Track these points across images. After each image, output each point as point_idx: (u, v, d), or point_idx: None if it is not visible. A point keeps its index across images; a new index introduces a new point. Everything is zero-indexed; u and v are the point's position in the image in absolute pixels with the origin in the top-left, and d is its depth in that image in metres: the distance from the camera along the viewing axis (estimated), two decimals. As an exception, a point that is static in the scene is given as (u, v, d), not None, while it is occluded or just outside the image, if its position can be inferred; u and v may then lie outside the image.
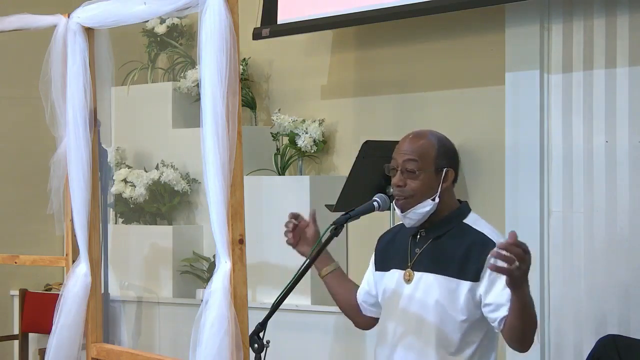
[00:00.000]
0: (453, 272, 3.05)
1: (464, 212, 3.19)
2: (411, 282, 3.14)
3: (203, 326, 3.02)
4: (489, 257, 2.91)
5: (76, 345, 3.94)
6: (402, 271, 3.19)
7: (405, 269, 3.18)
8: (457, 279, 3.05)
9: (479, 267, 3.03)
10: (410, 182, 3.11)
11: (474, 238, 3.08)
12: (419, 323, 3.11)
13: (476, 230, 3.11)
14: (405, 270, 3.17)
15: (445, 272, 3.07)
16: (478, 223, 3.15)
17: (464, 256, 3.06)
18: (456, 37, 5.11)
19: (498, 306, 3.00)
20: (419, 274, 3.12)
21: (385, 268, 3.27)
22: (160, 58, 6.29)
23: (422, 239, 3.18)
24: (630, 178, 4.43)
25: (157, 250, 5.67)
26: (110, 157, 5.68)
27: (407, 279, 3.16)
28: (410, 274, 3.15)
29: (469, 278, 3.04)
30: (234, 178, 3.03)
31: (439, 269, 3.09)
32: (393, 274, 3.22)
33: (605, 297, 4.47)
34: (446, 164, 3.13)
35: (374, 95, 5.47)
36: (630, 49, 4.44)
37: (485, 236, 3.08)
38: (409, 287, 3.15)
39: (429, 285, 3.10)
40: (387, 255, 3.29)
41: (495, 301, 3.01)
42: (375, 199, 3.18)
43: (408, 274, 3.16)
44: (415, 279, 3.13)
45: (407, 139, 3.18)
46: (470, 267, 3.04)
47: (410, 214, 3.13)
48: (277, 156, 5.61)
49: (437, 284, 3.09)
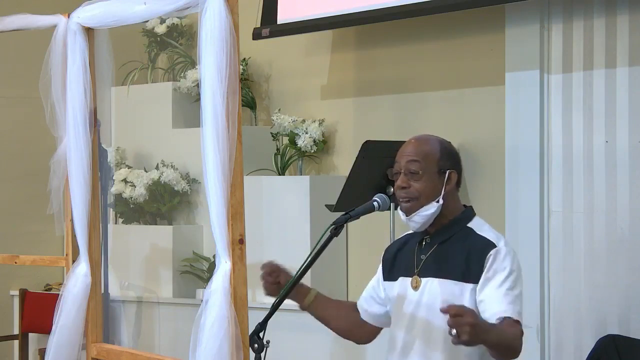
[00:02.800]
0: (457, 275, 3.06)
1: (468, 216, 3.19)
2: (418, 289, 3.15)
3: (203, 326, 3.02)
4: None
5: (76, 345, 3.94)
6: (409, 278, 3.19)
7: (412, 276, 3.18)
8: (461, 282, 3.05)
9: (480, 270, 3.04)
10: (414, 184, 3.11)
11: (476, 242, 3.09)
12: (427, 329, 3.11)
13: (479, 234, 3.11)
14: (412, 277, 3.17)
15: (450, 276, 3.07)
16: (482, 228, 3.15)
17: (466, 260, 3.06)
18: (456, 37, 5.11)
19: (480, 302, 3.02)
20: (426, 280, 3.13)
21: (393, 277, 3.26)
22: (160, 58, 6.29)
23: (428, 245, 3.18)
24: (630, 178, 4.43)
25: (157, 250, 5.67)
26: (110, 157, 5.69)
27: (415, 285, 3.16)
28: (418, 280, 3.15)
29: (472, 281, 3.05)
30: (234, 178, 3.03)
31: (443, 274, 3.09)
32: (400, 283, 3.22)
33: (605, 297, 4.47)
34: (449, 166, 3.14)
35: (374, 95, 5.47)
36: (630, 49, 4.44)
37: (487, 240, 3.09)
38: (417, 294, 3.15)
39: (434, 290, 3.10)
40: (394, 265, 3.29)
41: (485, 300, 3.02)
42: (375, 199, 3.18)
43: (415, 280, 3.16)
44: (422, 285, 3.14)
45: (410, 143, 3.19)
46: (472, 270, 3.05)
47: (415, 217, 3.12)
48: (277, 156, 5.61)
49: (442, 289, 3.09)
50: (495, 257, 3.03)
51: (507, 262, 3.03)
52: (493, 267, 3.02)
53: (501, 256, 3.04)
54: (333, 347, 5.07)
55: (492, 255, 3.03)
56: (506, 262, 3.03)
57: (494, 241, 3.08)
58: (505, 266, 3.02)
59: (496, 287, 2.99)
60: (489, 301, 2.99)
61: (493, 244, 3.05)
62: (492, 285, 3.01)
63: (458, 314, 2.75)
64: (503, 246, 3.06)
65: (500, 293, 2.98)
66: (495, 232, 3.15)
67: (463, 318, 2.75)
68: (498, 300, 2.98)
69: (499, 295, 2.98)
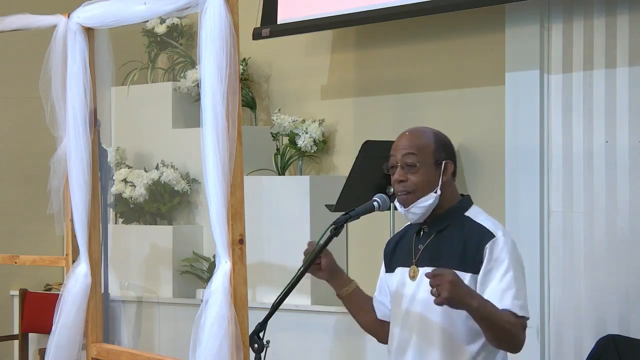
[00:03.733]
0: (453, 264, 3.04)
1: (465, 205, 3.18)
2: (416, 279, 3.14)
3: (203, 326, 3.02)
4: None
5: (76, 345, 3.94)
6: (407, 269, 3.19)
7: (409, 266, 3.18)
8: (458, 272, 3.04)
9: (478, 259, 3.03)
10: (412, 176, 3.12)
11: (473, 230, 3.08)
12: (424, 319, 3.10)
13: (476, 222, 3.11)
14: (410, 267, 3.17)
15: (447, 265, 3.06)
16: (479, 216, 3.14)
17: (463, 248, 3.06)
18: (456, 37, 5.11)
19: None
20: (423, 270, 3.12)
21: (392, 269, 3.27)
22: (160, 58, 6.29)
23: (425, 234, 3.18)
24: (630, 178, 4.43)
25: (157, 250, 5.67)
26: (110, 157, 5.69)
27: (412, 275, 3.16)
28: (415, 270, 3.15)
29: (470, 270, 3.03)
30: (234, 178, 3.03)
31: (440, 263, 3.08)
32: (398, 273, 3.22)
33: (605, 297, 4.47)
34: (445, 157, 3.14)
35: (374, 95, 5.47)
36: (630, 49, 4.44)
37: (484, 228, 3.08)
38: (414, 284, 3.15)
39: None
40: (393, 257, 3.29)
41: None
42: (375, 199, 3.18)
43: (413, 270, 3.16)
44: (419, 275, 3.14)
45: (404, 135, 3.19)
46: (469, 259, 3.04)
47: (413, 209, 3.13)
48: (277, 156, 5.61)
49: None
50: (493, 248, 3.02)
51: (505, 254, 3.02)
52: (492, 259, 3.01)
53: (499, 248, 3.02)
54: (333, 347, 5.07)
55: (490, 246, 3.02)
56: (504, 254, 3.02)
57: (492, 230, 3.07)
58: (504, 258, 3.01)
59: (498, 282, 2.98)
60: (492, 298, 2.98)
61: (491, 233, 3.05)
62: (493, 279, 3.00)
63: (437, 274, 2.85)
64: (501, 236, 3.05)
65: (501, 288, 2.97)
66: (493, 221, 3.14)
67: (442, 277, 2.84)
68: (500, 296, 2.97)
69: (500, 290, 2.97)
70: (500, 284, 2.98)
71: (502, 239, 3.04)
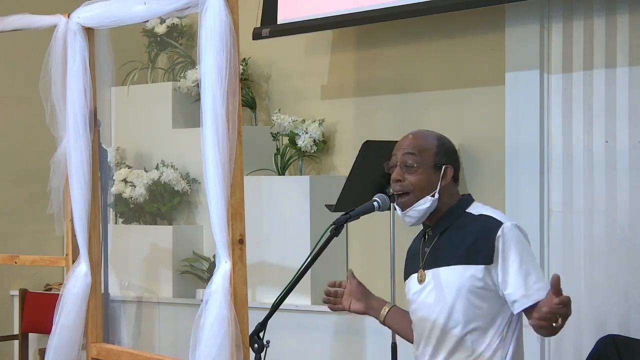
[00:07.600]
0: (462, 260, 3.05)
1: (465, 203, 3.18)
2: (423, 282, 3.15)
3: (203, 326, 3.02)
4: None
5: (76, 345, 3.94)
6: (416, 274, 3.20)
7: (417, 271, 3.19)
8: (467, 265, 3.04)
9: (489, 250, 3.02)
10: (409, 177, 3.12)
11: (478, 223, 3.09)
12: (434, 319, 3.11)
13: (480, 215, 3.11)
14: (418, 272, 3.18)
15: (455, 262, 3.06)
16: (482, 209, 3.15)
17: (472, 243, 3.05)
18: (456, 37, 5.11)
19: (513, 302, 3.01)
20: (430, 272, 3.13)
21: (407, 276, 3.30)
22: (160, 58, 6.29)
23: (430, 237, 3.19)
24: (630, 178, 4.43)
25: (157, 250, 5.67)
26: (110, 157, 5.69)
27: (420, 279, 3.17)
28: (422, 274, 3.16)
29: (480, 262, 3.03)
30: (234, 178, 3.03)
31: (447, 261, 3.09)
32: (411, 280, 3.24)
33: (605, 297, 4.47)
34: (445, 161, 3.14)
35: (374, 95, 5.47)
36: (630, 49, 4.44)
37: (491, 218, 3.08)
38: (422, 287, 3.16)
39: (439, 279, 3.11)
40: (407, 265, 3.32)
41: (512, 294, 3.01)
42: (375, 199, 3.18)
43: (420, 274, 3.17)
44: (427, 277, 3.14)
45: (407, 137, 3.21)
46: (479, 251, 3.03)
47: (410, 212, 3.13)
48: (277, 156, 5.61)
49: (446, 275, 3.08)
50: (505, 237, 3.01)
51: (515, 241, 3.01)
52: (506, 249, 3.01)
53: (510, 236, 3.02)
54: (333, 347, 5.07)
55: (501, 236, 3.02)
56: (515, 241, 3.01)
57: (499, 219, 3.07)
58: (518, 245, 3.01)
59: (516, 272, 2.99)
60: (517, 291, 2.98)
61: (498, 222, 3.05)
62: (512, 270, 3.00)
63: (568, 303, 2.84)
64: (509, 224, 3.04)
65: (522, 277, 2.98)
66: (495, 210, 3.14)
67: (569, 307, 2.83)
68: (524, 286, 2.98)
69: (522, 280, 2.98)
70: (520, 272, 2.98)
71: (509, 225, 3.04)
